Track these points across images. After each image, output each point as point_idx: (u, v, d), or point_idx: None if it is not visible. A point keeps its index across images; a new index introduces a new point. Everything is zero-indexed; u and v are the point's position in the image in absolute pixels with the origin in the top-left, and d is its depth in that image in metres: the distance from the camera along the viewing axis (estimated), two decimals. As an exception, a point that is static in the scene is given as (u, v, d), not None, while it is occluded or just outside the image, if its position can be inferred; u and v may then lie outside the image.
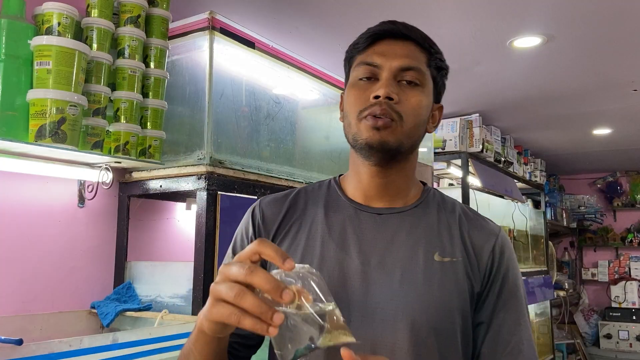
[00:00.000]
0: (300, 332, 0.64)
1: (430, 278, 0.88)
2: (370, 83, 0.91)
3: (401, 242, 0.92)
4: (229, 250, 1.03)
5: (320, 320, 0.64)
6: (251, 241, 0.92)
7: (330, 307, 0.65)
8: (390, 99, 0.88)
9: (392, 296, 0.87)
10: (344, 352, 0.64)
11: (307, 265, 0.68)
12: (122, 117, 1.63)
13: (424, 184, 1.04)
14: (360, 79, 0.93)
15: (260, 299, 0.63)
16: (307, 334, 0.64)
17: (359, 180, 0.97)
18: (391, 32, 0.94)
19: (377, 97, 0.88)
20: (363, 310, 0.87)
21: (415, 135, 0.93)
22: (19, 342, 1.12)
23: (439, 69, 0.97)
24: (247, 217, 1.02)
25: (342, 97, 1.00)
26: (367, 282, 0.88)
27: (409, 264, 0.89)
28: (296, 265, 0.66)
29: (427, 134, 0.99)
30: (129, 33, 1.65)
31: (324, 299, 0.65)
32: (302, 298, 0.64)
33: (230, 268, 0.66)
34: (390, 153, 0.90)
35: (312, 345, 0.63)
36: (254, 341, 0.97)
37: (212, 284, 0.68)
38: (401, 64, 0.91)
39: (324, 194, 1.01)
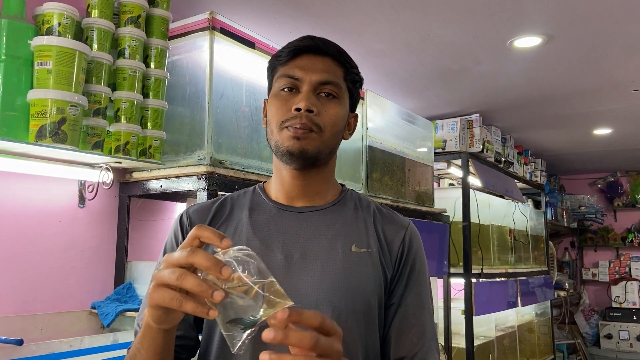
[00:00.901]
0: (245, 309, 0.67)
1: (349, 267, 0.98)
2: (291, 94, 0.99)
3: (321, 236, 1.00)
4: (160, 258, 1.07)
5: (261, 291, 0.67)
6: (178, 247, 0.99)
7: (270, 279, 0.68)
8: (310, 111, 0.96)
9: (314, 285, 0.95)
10: (279, 312, 0.67)
11: (245, 247, 0.70)
12: (123, 117, 1.63)
13: (343, 185, 1.13)
14: (283, 90, 1.00)
15: (201, 279, 0.67)
16: (251, 309, 0.67)
17: (281, 183, 1.05)
18: (311, 47, 1.02)
19: (298, 109, 0.96)
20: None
21: (332, 144, 1.02)
22: (20, 342, 1.13)
23: (354, 82, 1.06)
24: (175, 225, 1.09)
25: (265, 103, 1.08)
26: (290, 274, 0.96)
27: (329, 255, 0.98)
28: (235, 247, 0.69)
29: (344, 140, 1.08)
30: (130, 33, 1.65)
31: (263, 275, 0.68)
32: (243, 277, 0.67)
33: (172, 255, 0.70)
34: (310, 160, 0.99)
35: (256, 316, 0.66)
36: (193, 342, 1.03)
37: (154, 271, 0.73)
38: (320, 78, 0.99)
39: (249, 198, 1.08)
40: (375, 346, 0.99)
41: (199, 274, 0.69)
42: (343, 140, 1.07)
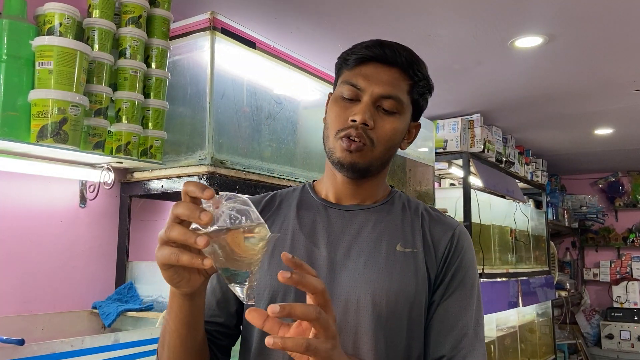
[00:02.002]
0: (242, 255, 0.69)
1: (392, 266, 0.96)
2: (351, 104, 0.98)
3: (366, 234, 0.99)
4: None
5: (248, 222, 0.69)
6: None
7: (250, 223, 0.69)
8: (366, 125, 0.95)
9: (356, 282, 0.94)
10: (283, 255, 0.72)
11: (233, 195, 0.72)
12: (124, 117, 1.64)
13: (392, 187, 1.12)
14: (344, 98, 0.99)
15: (185, 228, 0.70)
16: (246, 253, 0.69)
17: (332, 183, 1.05)
18: (378, 57, 0.98)
19: (354, 120, 0.95)
20: (330, 297, 0.92)
21: (385, 157, 1.01)
22: (21, 342, 1.13)
23: (421, 94, 1.03)
24: None
25: (329, 96, 1.06)
26: (334, 270, 0.96)
27: (373, 253, 0.97)
28: (226, 196, 0.71)
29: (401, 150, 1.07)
30: (130, 33, 1.66)
31: (247, 218, 0.70)
32: (222, 221, 0.69)
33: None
34: (360, 173, 0.99)
35: (241, 255, 0.69)
36: (232, 330, 1.04)
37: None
38: (382, 92, 0.97)
39: (297, 195, 1.09)
40: (418, 347, 0.96)
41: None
42: (396, 150, 1.06)
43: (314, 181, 1.13)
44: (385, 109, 0.97)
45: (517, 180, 4.44)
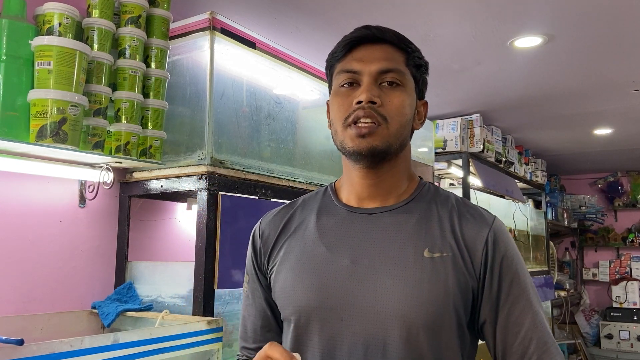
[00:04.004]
0: None
1: (420, 275, 0.89)
2: (352, 89, 0.94)
3: (391, 240, 0.93)
4: (245, 275, 1.11)
5: None
6: (255, 262, 1.04)
7: None
8: (374, 102, 0.91)
9: (383, 294, 0.89)
10: None
11: None
12: (123, 117, 1.63)
13: (421, 178, 1.05)
14: (342, 86, 0.95)
15: None
16: None
17: (351, 184, 1.00)
18: (367, 37, 0.96)
19: (359, 102, 0.91)
20: (355, 309, 0.90)
21: (402, 135, 0.95)
22: (20, 342, 1.12)
23: (418, 67, 0.98)
24: (251, 238, 1.09)
25: (328, 105, 1.03)
26: (359, 281, 0.91)
27: (399, 262, 0.91)
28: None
29: (415, 130, 1.01)
30: (130, 33, 1.66)
31: None
32: None
33: None
34: (380, 156, 0.93)
35: None
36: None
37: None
38: (380, 67, 0.93)
39: (319, 200, 1.05)
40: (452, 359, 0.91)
41: None
42: (412, 130, 1.00)
43: (335, 181, 1.08)
44: (388, 82, 0.93)
45: (516, 180, 4.44)
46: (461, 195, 1.16)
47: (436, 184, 3.57)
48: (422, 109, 1.02)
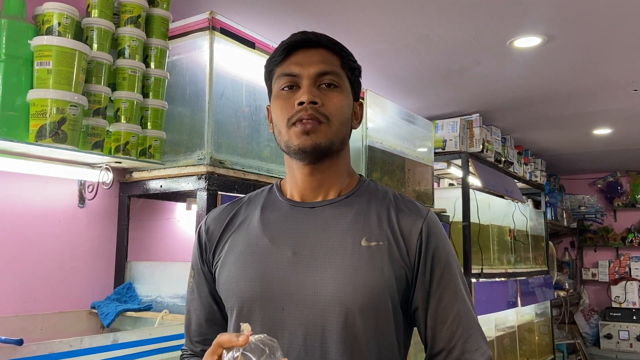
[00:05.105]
0: None
1: (358, 262, 0.94)
2: (292, 92, 0.99)
3: (332, 231, 0.98)
4: (190, 270, 1.13)
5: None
6: (200, 257, 1.08)
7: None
8: (315, 102, 0.95)
9: (322, 282, 0.93)
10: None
11: (263, 336, 0.78)
12: (123, 117, 1.63)
13: (361, 176, 1.11)
14: (283, 89, 1.00)
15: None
16: None
17: (294, 181, 1.04)
18: (304, 41, 1.01)
19: (301, 103, 0.95)
20: (296, 298, 0.94)
21: (342, 133, 1.01)
22: (20, 342, 1.12)
23: (352, 70, 1.04)
24: (196, 234, 1.12)
25: (268, 109, 1.07)
26: (300, 271, 0.95)
27: (338, 251, 0.96)
28: (256, 337, 0.77)
29: (353, 130, 1.07)
30: (129, 33, 1.65)
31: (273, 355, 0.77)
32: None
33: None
34: (323, 153, 0.98)
35: None
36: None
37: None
38: (318, 70, 0.98)
39: (264, 197, 1.09)
40: (390, 345, 0.96)
41: None
42: (351, 129, 1.06)
43: (281, 180, 1.12)
44: (326, 84, 0.98)
45: (515, 180, 4.44)
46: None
47: (435, 184, 3.57)
48: (358, 110, 1.08)
